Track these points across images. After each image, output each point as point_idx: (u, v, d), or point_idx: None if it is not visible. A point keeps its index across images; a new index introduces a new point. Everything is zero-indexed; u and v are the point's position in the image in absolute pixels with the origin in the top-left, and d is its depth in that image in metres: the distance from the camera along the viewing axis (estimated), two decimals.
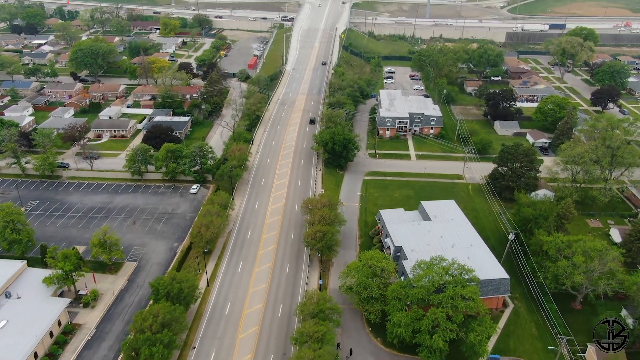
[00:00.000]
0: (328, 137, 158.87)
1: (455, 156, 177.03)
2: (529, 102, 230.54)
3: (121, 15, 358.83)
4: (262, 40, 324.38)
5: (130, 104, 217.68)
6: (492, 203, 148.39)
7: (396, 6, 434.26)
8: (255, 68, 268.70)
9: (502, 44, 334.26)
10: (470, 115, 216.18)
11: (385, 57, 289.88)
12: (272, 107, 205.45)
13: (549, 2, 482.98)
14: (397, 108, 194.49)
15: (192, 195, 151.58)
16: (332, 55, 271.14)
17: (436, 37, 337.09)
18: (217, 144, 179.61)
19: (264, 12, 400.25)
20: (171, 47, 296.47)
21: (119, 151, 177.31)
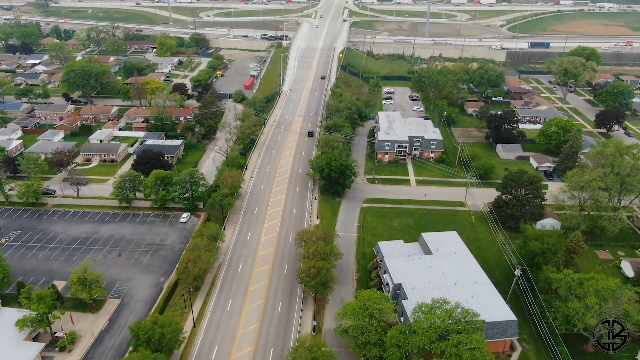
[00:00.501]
0: (324, 163, 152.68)
1: (457, 181, 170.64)
2: (531, 124, 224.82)
3: (117, 34, 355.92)
4: (260, 60, 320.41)
5: (122, 127, 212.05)
6: (496, 233, 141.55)
7: (395, 25, 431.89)
8: (252, 88, 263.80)
9: (502, 63, 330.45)
10: (471, 137, 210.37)
11: (384, 77, 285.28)
12: (268, 130, 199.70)
13: (549, 21, 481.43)
14: (396, 131, 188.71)
15: (182, 225, 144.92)
16: (330, 75, 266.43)
17: (436, 56, 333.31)
18: (209, 170, 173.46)
19: (262, 31, 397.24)
20: (167, 67, 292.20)
21: (108, 176, 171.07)
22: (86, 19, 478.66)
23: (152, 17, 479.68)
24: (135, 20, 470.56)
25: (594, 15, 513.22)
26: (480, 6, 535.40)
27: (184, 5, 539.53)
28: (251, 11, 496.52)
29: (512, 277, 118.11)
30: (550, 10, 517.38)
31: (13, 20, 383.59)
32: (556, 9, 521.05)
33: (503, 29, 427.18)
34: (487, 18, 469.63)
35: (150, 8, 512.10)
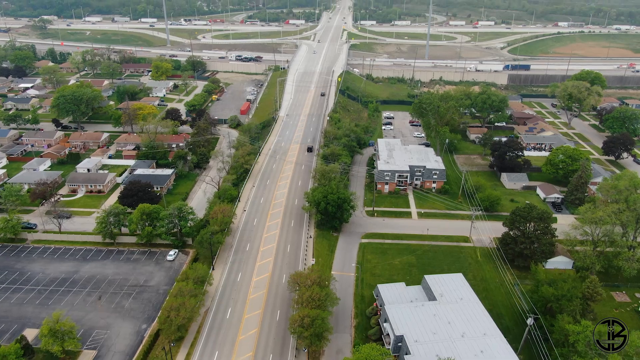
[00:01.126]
0: (321, 196, 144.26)
1: (461, 214, 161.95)
2: (536, 151, 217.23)
3: (113, 57, 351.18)
4: (257, 84, 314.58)
5: (112, 154, 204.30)
6: (504, 272, 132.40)
7: (395, 47, 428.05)
8: (248, 114, 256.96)
9: (503, 86, 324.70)
10: (474, 165, 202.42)
11: (383, 101, 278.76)
12: (263, 158, 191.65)
13: (549, 43, 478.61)
14: (396, 160, 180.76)
15: (169, 263, 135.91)
16: (328, 100, 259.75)
17: (436, 79, 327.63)
18: (200, 202, 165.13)
19: (260, 53, 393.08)
20: (161, 91, 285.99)
21: (94, 209, 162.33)
22: (84, 41, 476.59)
23: (150, 39, 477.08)
24: (133, 42, 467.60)
25: (594, 37, 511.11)
26: (479, 28, 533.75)
27: (182, 27, 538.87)
28: (249, 33, 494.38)
29: (523, 323, 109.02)
30: (550, 32, 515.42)
31: (8, 43, 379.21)
32: (556, 31, 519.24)
33: (504, 51, 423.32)
34: (487, 40, 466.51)
35: (148, 30, 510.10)
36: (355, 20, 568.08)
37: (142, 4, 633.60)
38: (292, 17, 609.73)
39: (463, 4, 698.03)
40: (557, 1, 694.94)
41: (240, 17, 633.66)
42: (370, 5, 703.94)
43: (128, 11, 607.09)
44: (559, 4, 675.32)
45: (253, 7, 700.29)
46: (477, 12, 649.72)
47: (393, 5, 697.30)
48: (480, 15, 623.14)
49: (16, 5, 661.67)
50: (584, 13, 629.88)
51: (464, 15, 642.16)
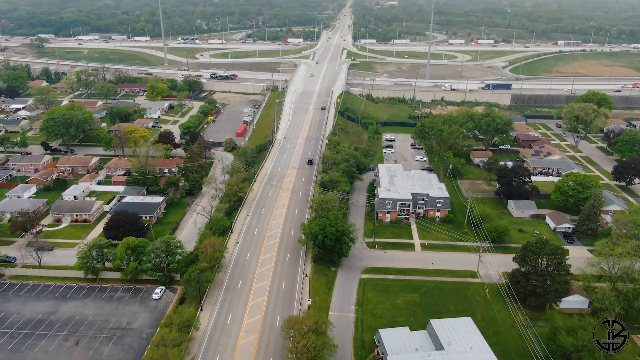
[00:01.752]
0: (318, 229, 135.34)
1: (467, 246, 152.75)
2: (543, 176, 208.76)
3: (108, 77, 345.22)
4: (254, 104, 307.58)
5: (101, 180, 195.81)
6: (515, 313, 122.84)
7: (395, 66, 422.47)
8: (244, 136, 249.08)
9: (506, 107, 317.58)
10: (479, 191, 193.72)
11: (384, 122, 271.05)
12: (258, 185, 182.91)
13: (551, 62, 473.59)
14: (398, 187, 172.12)
15: (155, 302, 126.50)
16: (327, 121, 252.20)
17: (438, 99, 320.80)
18: (190, 233, 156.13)
19: (259, 72, 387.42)
20: (156, 112, 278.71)
21: (78, 240, 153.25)
22: (81, 59, 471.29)
23: (148, 58, 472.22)
24: (130, 61, 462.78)
25: (596, 55, 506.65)
26: (480, 47, 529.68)
27: (181, 46, 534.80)
28: (248, 52, 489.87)
29: None
30: (551, 50, 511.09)
31: (2, 62, 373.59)
32: (557, 50, 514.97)
33: (505, 71, 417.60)
34: (489, 59, 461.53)
35: (146, 49, 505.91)
36: (355, 39, 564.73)
37: (141, 22, 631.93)
38: (291, 35, 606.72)
39: (463, 23, 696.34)
40: (557, 20, 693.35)
41: (239, 35, 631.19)
42: (370, 24, 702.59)
43: (127, 29, 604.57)
44: (559, 23, 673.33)
45: (252, 25, 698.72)
46: (477, 31, 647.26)
47: (393, 23, 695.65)
48: (481, 34, 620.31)
49: (15, 23, 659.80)
50: (584, 31, 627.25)
51: (464, 33, 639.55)
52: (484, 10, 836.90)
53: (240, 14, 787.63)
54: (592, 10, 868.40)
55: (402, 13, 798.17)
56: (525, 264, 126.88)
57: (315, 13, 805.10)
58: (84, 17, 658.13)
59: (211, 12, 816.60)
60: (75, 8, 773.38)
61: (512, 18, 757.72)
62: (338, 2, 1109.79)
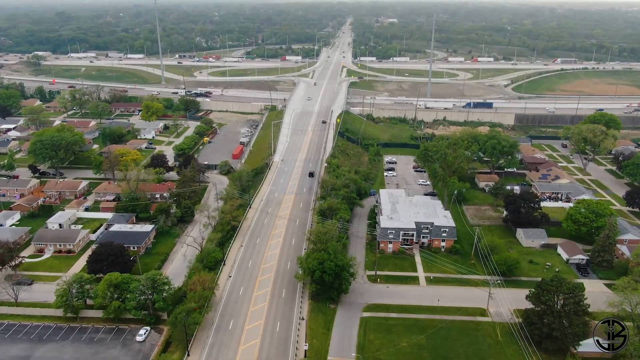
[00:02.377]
0: (316, 263, 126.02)
1: (475, 280, 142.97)
2: (552, 201, 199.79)
3: (103, 95, 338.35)
4: (252, 124, 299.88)
5: (89, 206, 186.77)
6: (530, 358, 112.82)
7: (395, 85, 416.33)
8: (240, 158, 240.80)
9: (510, 127, 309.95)
10: (486, 218, 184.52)
11: (385, 144, 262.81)
12: (253, 213, 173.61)
13: (553, 80, 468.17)
14: (400, 215, 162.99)
15: (138, 344, 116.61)
16: (326, 142, 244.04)
17: (440, 119, 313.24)
18: (179, 266, 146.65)
19: (257, 91, 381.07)
20: (151, 133, 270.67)
21: (61, 273, 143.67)
22: (78, 77, 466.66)
23: (146, 76, 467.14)
24: (127, 79, 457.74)
25: (598, 73, 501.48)
26: (481, 64, 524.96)
27: (179, 64, 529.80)
28: (247, 70, 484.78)
29: None
30: (553, 68, 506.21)
31: None
32: (559, 67, 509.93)
33: (508, 89, 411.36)
34: (491, 77, 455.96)
35: (143, 66, 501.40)
36: (355, 57, 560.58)
37: (139, 39, 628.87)
38: (290, 53, 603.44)
39: (463, 40, 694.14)
40: (558, 37, 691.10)
41: (239, 52, 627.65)
42: (369, 41, 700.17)
43: (125, 47, 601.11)
44: (559, 40, 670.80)
45: (252, 43, 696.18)
46: (477, 48, 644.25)
47: (392, 41, 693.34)
48: (481, 52, 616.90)
49: (13, 40, 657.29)
50: (585, 49, 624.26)
51: (465, 51, 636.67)
52: (484, 28, 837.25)
53: (240, 31, 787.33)
54: (592, 28, 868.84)
55: (402, 30, 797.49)
56: (541, 303, 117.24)
57: (315, 30, 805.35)
58: (82, 35, 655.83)
59: (211, 30, 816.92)
60: (75, 25, 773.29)
61: (512, 36, 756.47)
62: (338, 19, 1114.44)
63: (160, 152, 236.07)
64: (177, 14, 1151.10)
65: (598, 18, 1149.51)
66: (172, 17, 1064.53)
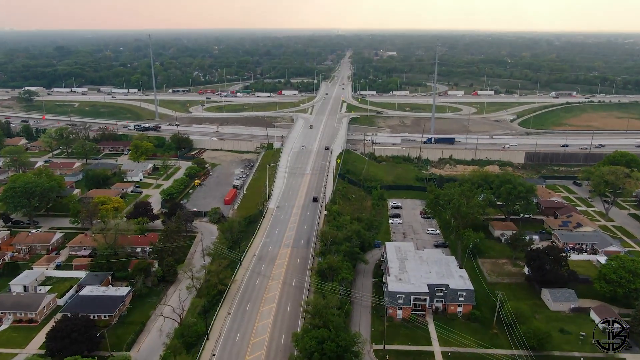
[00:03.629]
0: (314, 344, 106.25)
1: (500, 355, 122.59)
2: (576, 252, 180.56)
3: (91, 133, 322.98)
4: (247, 164, 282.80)
5: (61, 262, 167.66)
6: None
7: (397, 120, 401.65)
8: (233, 203, 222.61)
9: (520, 166, 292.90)
10: (505, 274, 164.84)
11: (389, 186, 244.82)
12: (243, 273, 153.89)
13: (559, 114, 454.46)
14: (410, 276, 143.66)
15: None
16: (325, 184, 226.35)
17: (446, 158, 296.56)
18: (156, 342, 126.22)
19: (254, 128, 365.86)
20: (138, 175, 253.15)
21: (18, 350, 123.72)
22: (70, 113, 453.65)
23: (140, 112, 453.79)
24: (121, 115, 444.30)
25: (605, 107, 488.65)
26: (484, 98, 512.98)
27: (175, 98, 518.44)
28: (245, 105, 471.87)
29: None
30: (559, 102, 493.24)
31: None
32: (565, 101, 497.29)
33: (514, 124, 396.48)
34: (495, 112, 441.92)
35: (136, 102, 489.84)
36: (355, 91, 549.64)
37: (136, 74, 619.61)
38: (289, 87, 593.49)
39: (464, 73, 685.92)
40: (560, 70, 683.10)
41: (237, 86, 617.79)
42: (369, 75, 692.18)
43: (122, 82, 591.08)
44: (562, 73, 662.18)
45: (250, 77, 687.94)
46: (479, 81, 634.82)
47: (392, 74, 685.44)
48: (483, 85, 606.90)
49: (8, 75, 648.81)
50: (589, 81, 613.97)
51: (466, 84, 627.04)
52: (484, 61, 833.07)
53: (239, 65, 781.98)
54: (592, 60, 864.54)
55: (401, 63, 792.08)
56: None
57: (314, 64, 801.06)
58: (78, 69, 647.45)
59: (209, 64, 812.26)
60: (72, 60, 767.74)
61: (513, 68, 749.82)
62: (337, 53, 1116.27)
63: (145, 198, 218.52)
64: (177, 47, 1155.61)
65: (596, 50, 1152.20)
66: (171, 51, 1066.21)
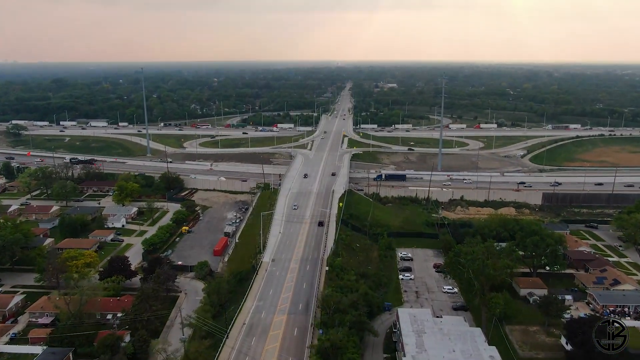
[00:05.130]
0: None
1: None
2: (616, 317, 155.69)
3: (76, 171, 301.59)
4: (241, 207, 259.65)
5: (16, 333, 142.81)
6: None
7: (402, 156, 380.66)
8: (223, 255, 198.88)
9: (537, 207, 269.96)
10: (539, 347, 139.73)
11: (397, 233, 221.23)
12: (228, 353, 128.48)
13: (570, 148, 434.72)
14: (431, 356, 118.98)
15: None
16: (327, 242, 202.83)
17: (457, 199, 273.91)
18: None
19: (250, 165, 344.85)
20: (120, 220, 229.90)
21: None
22: (61, 148, 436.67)
23: (132, 147, 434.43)
24: (112, 150, 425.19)
25: (616, 140, 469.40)
26: (484, 131, 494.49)
27: (169, 133, 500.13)
28: (241, 139, 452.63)
29: None
30: (568, 135, 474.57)
31: None
32: (575, 134, 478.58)
33: (525, 160, 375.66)
34: (503, 146, 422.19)
35: (127, 136, 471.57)
36: (356, 124, 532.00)
37: (131, 107, 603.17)
38: (288, 120, 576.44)
39: (467, 106, 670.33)
40: (566, 102, 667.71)
41: (234, 119, 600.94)
42: (370, 107, 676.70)
43: (116, 115, 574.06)
44: (568, 105, 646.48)
45: (249, 109, 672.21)
46: (483, 114, 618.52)
47: (394, 107, 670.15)
48: (487, 117, 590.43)
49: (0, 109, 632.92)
50: (596, 114, 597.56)
51: (470, 116, 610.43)
52: (487, 93, 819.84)
53: (237, 97, 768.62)
54: (594, 91, 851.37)
55: (402, 96, 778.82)
56: None
57: (314, 96, 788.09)
58: (72, 103, 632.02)
59: (207, 96, 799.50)
60: (67, 93, 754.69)
61: (516, 100, 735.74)
62: (337, 85, 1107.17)
63: (126, 248, 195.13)
64: (176, 80, 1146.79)
65: (597, 81, 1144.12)
66: (170, 84, 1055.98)
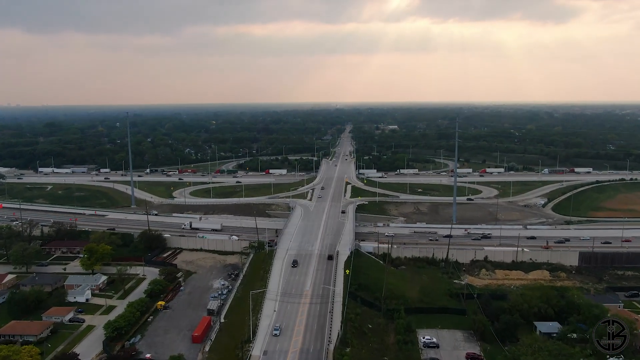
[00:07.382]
0: None
1: None
2: None
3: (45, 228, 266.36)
4: (230, 273, 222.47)
5: None
6: None
7: (412, 207, 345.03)
8: (204, 341, 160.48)
9: (574, 269, 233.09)
10: None
11: (416, 308, 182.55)
12: None
13: (592, 195, 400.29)
14: None
15: None
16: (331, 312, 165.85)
17: (480, 260, 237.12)
18: None
19: (243, 218, 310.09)
20: (84, 293, 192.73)
21: None
22: (41, 198, 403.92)
23: (117, 197, 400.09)
24: (95, 200, 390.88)
25: (638, 185, 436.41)
26: (491, 177, 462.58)
27: (159, 180, 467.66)
28: (235, 187, 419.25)
29: None
30: (587, 180, 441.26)
31: None
32: (594, 179, 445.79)
33: (547, 210, 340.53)
34: (520, 194, 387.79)
35: (113, 184, 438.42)
36: (357, 168, 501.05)
37: (122, 152, 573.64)
38: (287, 165, 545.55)
39: (474, 149, 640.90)
40: (577, 144, 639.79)
41: (230, 164, 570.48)
42: (372, 151, 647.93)
43: (105, 161, 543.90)
44: (580, 148, 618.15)
45: (245, 153, 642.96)
46: (491, 157, 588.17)
47: (397, 150, 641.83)
48: (497, 160, 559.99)
49: None
50: (610, 156, 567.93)
51: (478, 160, 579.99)
52: (492, 135, 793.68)
53: (234, 141, 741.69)
54: (600, 132, 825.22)
55: (405, 139, 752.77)
56: None
57: (314, 139, 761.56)
58: (59, 148, 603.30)
59: (204, 139, 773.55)
60: (57, 137, 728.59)
61: (523, 142, 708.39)
62: (337, 127, 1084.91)
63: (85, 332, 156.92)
64: (173, 123, 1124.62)
65: (599, 122, 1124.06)
66: (167, 127, 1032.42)
